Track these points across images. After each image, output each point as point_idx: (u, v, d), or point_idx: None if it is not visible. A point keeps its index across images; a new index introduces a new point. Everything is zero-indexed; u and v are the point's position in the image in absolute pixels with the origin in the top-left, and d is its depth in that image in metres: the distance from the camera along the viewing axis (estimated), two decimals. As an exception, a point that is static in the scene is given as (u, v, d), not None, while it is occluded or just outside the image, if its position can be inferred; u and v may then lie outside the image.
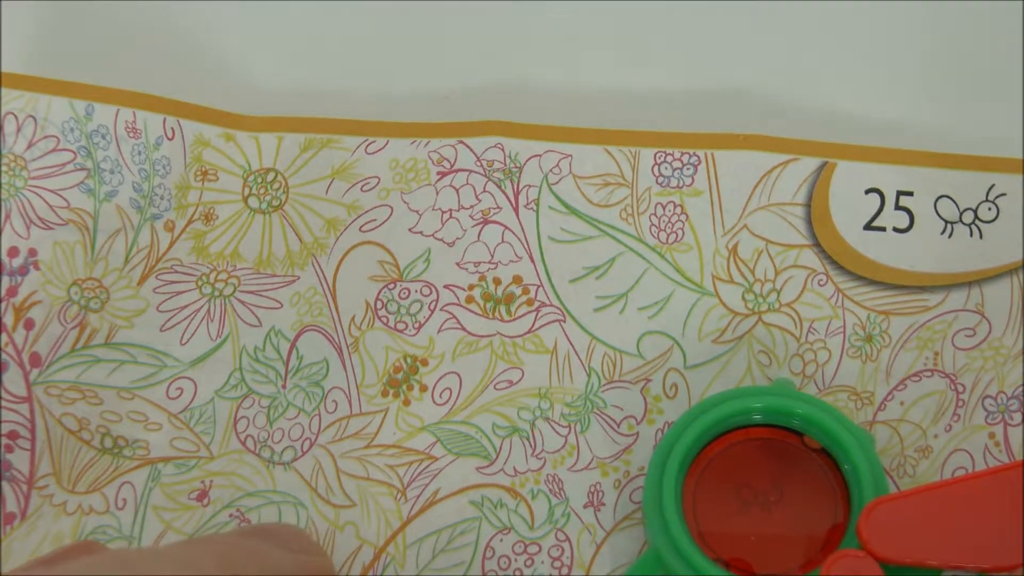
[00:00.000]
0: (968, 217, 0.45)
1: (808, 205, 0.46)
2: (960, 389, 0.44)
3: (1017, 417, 0.43)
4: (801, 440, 0.42)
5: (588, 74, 0.50)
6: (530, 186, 0.46)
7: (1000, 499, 0.37)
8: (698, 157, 0.46)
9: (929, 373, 0.44)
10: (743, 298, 0.45)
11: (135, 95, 0.45)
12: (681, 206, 0.46)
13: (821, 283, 0.45)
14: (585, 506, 0.43)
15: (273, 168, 0.46)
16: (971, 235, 0.45)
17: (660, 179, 0.46)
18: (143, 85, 0.46)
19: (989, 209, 0.45)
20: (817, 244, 0.45)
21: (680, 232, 0.46)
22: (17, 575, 0.33)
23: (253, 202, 0.46)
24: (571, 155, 0.47)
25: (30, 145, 0.44)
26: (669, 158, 0.46)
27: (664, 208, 0.46)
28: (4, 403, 0.43)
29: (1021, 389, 0.43)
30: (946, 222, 0.45)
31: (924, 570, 0.37)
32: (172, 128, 0.46)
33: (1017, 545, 0.36)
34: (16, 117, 0.45)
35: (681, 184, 0.46)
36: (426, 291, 0.45)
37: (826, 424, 0.41)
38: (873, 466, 0.40)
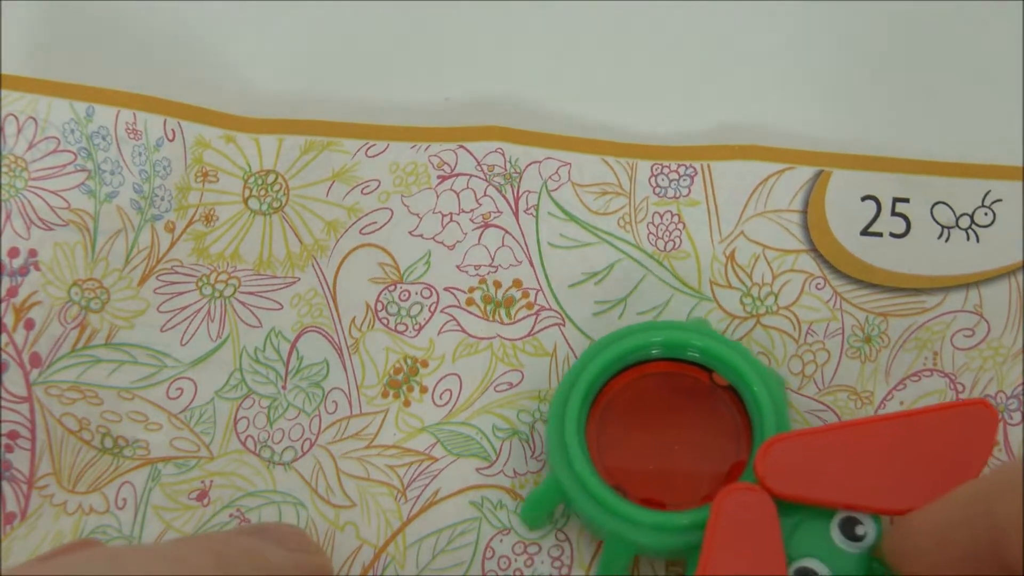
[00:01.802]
0: (964, 222, 0.46)
1: (804, 212, 0.46)
2: (959, 388, 0.44)
3: (1016, 416, 0.43)
4: (710, 377, 0.43)
5: (586, 85, 0.50)
6: (530, 191, 0.47)
7: (898, 444, 0.37)
8: (694, 169, 0.47)
9: (928, 373, 0.44)
10: (741, 302, 0.45)
11: (136, 97, 0.46)
12: (678, 215, 0.46)
13: (819, 286, 0.45)
14: (585, 506, 0.43)
15: (273, 170, 0.47)
16: (968, 239, 0.46)
17: (657, 190, 0.47)
18: (144, 87, 0.46)
19: (985, 214, 0.46)
20: (814, 249, 0.46)
21: (678, 240, 0.46)
22: (14, 574, 0.33)
23: (253, 204, 0.46)
24: (570, 163, 0.47)
25: (31, 146, 0.45)
26: (666, 170, 0.47)
27: (662, 217, 0.46)
28: (4, 403, 0.43)
29: (1020, 388, 0.44)
30: (943, 227, 0.46)
31: (818, 509, 0.37)
32: (172, 129, 0.46)
33: (910, 490, 0.36)
34: (17, 118, 0.45)
35: (678, 195, 0.46)
36: (426, 293, 0.45)
37: (725, 356, 0.42)
38: (777, 405, 0.41)
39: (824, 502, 0.37)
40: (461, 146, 0.47)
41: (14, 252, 0.44)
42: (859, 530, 0.37)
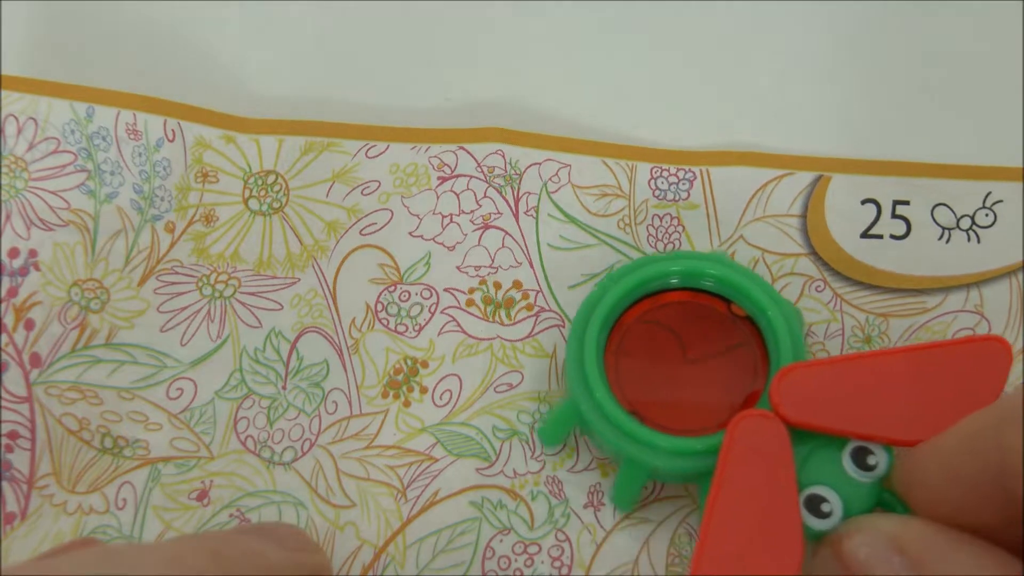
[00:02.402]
0: (965, 223, 0.46)
1: (804, 216, 0.46)
2: (960, 388, 0.44)
3: (1017, 415, 0.44)
4: (728, 308, 0.43)
5: (586, 88, 0.50)
6: (530, 193, 0.47)
7: (912, 375, 0.37)
8: (693, 173, 0.47)
9: None
10: (742, 303, 0.45)
11: (136, 97, 0.46)
12: (678, 218, 0.46)
13: (819, 289, 0.45)
14: (585, 506, 0.43)
15: (274, 170, 0.47)
16: (968, 240, 0.46)
17: (657, 192, 0.47)
18: (144, 88, 0.46)
19: (987, 215, 0.46)
20: (814, 252, 0.46)
21: (677, 242, 0.46)
22: (12, 574, 0.33)
23: (254, 204, 0.46)
24: (570, 165, 0.47)
25: (31, 147, 0.45)
26: (665, 173, 0.47)
27: (661, 220, 0.46)
28: (4, 403, 0.43)
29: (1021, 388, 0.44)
30: (943, 228, 0.46)
31: (830, 438, 0.38)
32: (173, 130, 0.46)
33: (922, 421, 0.36)
34: (17, 119, 0.45)
35: (677, 198, 0.47)
36: (426, 294, 0.45)
37: (743, 286, 0.42)
38: (794, 335, 0.41)
39: (837, 431, 0.37)
40: (461, 147, 0.47)
41: (14, 252, 0.44)
42: (871, 460, 0.37)
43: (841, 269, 0.45)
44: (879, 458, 0.37)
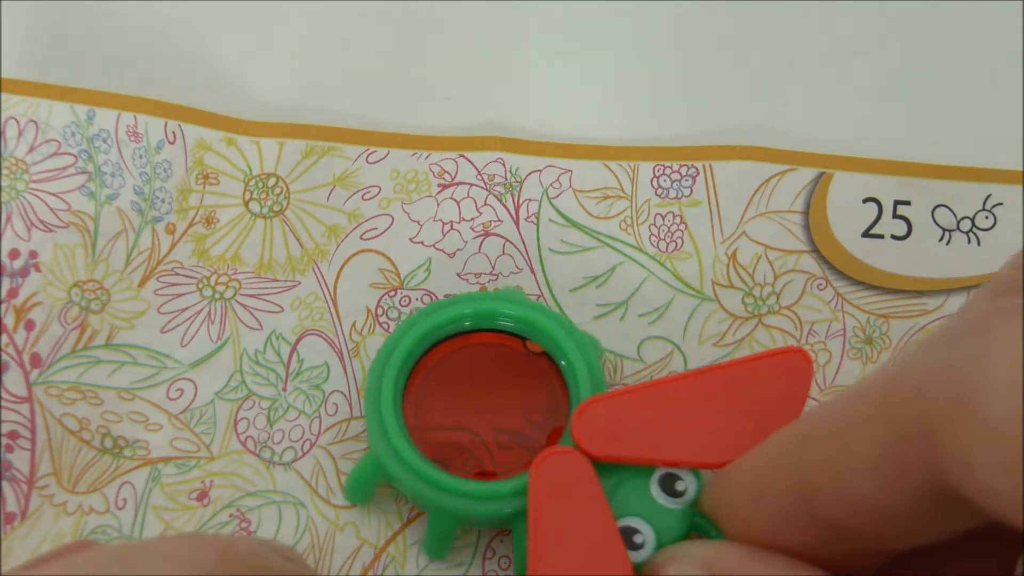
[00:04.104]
0: (965, 225, 0.46)
1: (806, 213, 0.46)
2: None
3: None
4: (523, 345, 0.43)
5: (587, 89, 0.50)
6: (530, 200, 0.47)
7: (712, 396, 0.37)
8: (696, 169, 0.47)
9: None
10: (743, 302, 0.45)
11: (136, 100, 0.46)
12: (680, 216, 0.46)
13: (820, 287, 0.45)
14: (586, 506, 0.43)
15: (274, 173, 0.47)
16: (969, 243, 0.46)
17: (659, 191, 0.47)
18: (145, 90, 0.46)
19: (987, 218, 0.46)
20: (816, 250, 0.46)
21: (680, 241, 0.46)
22: (16, 574, 0.32)
23: (254, 206, 0.46)
24: (571, 170, 0.47)
25: (31, 149, 0.45)
26: (668, 171, 0.47)
27: (663, 218, 0.46)
28: (4, 403, 0.43)
29: (1021, 388, 0.44)
30: (944, 230, 0.46)
31: (637, 467, 0.37)
32: (173, 132, 0.46)
33: (727, 442, 0.36)
34: (18, 122, 0.45)
35: (680, 195, 0.47)
36: (427, 299, 0.45)
37: (537, 323, 0.42)
38: (592, 367, 0.41)
39: (641, 460, 0.37)
40: (461, 155, 0.47)
41: (15, 254, 0.44)
42: (679, 486, 0.36)
43: (842, 267, 0.45)
44: (687, 483, 0.37)
